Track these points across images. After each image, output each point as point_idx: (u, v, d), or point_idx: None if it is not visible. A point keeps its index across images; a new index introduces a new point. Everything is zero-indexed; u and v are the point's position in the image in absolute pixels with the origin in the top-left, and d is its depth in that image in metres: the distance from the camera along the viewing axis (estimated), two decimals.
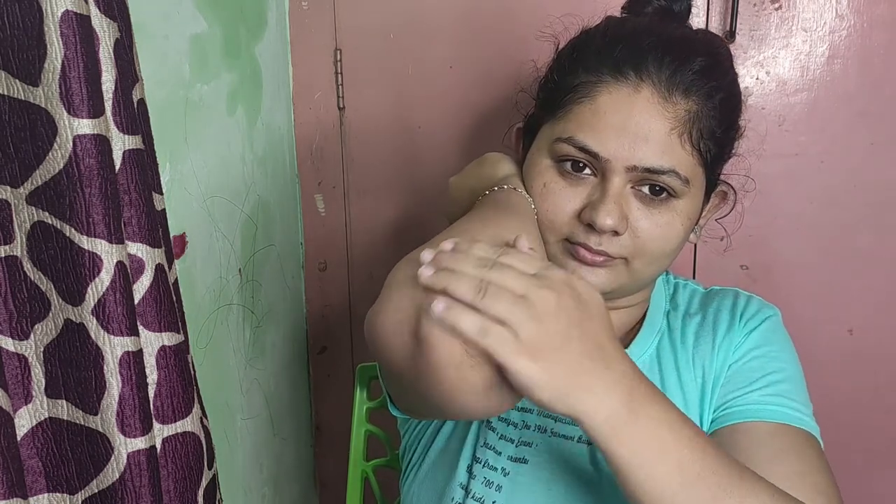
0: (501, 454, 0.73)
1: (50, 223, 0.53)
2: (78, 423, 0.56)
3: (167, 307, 0.60)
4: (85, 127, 0.51)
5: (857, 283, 1.10)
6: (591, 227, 0.65)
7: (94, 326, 0.54)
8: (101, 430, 0.56)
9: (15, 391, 0.55)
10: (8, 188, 0.53)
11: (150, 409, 0.59)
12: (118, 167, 0.55)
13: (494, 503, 0.71)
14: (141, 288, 0.58)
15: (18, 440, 0.55)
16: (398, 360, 0.54)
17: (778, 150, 1.07)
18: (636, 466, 0.51)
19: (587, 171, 0.67)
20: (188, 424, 0.63)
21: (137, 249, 0.58)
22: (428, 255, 0.54)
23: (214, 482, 0.68)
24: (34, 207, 0.53)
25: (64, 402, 0.56)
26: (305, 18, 1.17)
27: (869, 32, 1.03)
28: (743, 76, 1.06)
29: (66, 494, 0.57)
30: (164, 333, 0.60)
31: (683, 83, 0.64)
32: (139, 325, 0.58)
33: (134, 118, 0.57)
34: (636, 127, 0.64)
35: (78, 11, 0.50)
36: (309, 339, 1.30)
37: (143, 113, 0.59)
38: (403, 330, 0.52)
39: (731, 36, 1.05)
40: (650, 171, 0.64)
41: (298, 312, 1.27)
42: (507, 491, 0.71)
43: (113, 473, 0.57)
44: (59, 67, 0.50)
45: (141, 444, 0.57)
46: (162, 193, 0.63)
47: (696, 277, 1.14)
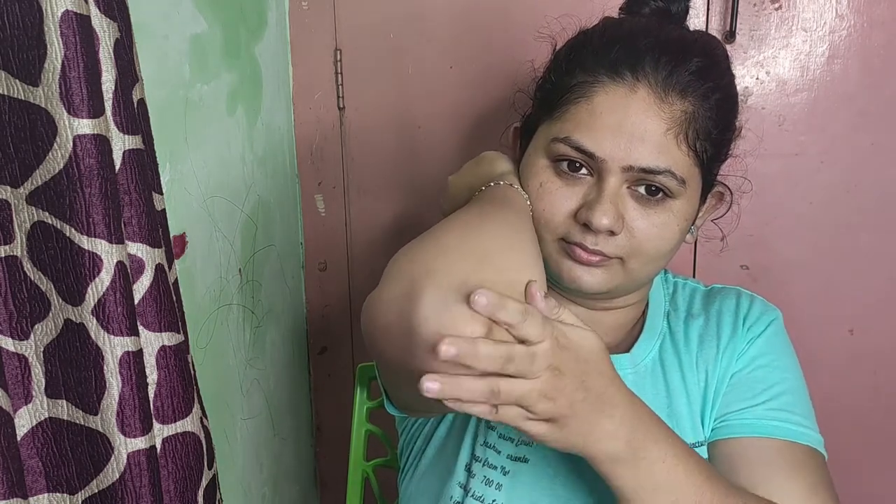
0: (501, 453, 0.73)
1: (50, 223, 0.53)
2: (78, 423, 0.56)
3: (167, 307, 0.60)
4: (85, 127, 0.51)
5: (857, 283, 1.10)
6: (587, 226, 0.65)
7: (94, 326, 0.54)
8: (101, 430, 0.56)
9: (15, 391, 0.55)
10: (8, 188, 0.53)
11: (150, 409, 0.59)
12: (118, 167, 0.55)
13: (495, 501, 0.71)
14: (141, 288, 0.58)
15: (18, 440, 0.55)
16: (394, 350, 0.55)
17: (778, 150, 1.07)
18: (636, 500, 0.58)
19: (584, 171, 0.67)
20: (188, 424, 0.63)
21: (137, 249, 0.58)
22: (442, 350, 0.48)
23: (214, 482, 0.68)
24: (34, 207, 0.53)
25: (64, 402, 0.56)
26: (305, 18, 1.17)
27: (869, 32, 1.03)
28: (743, 76, 1.06)
29: (66, 494, 0.57)
30: (164, 333, 0.60)
31: (680, 84, 0.64)
32: (139, 325, 0.58)
33: (134, 118, 0.57)
34: (632, 127, 0.64)
35: (78, 11, 0.50)
36: (309, 339, 1.30)
37: (143, 113, 0.59)
38: (399, 317, 0.53)
39: (731, 36, 1.05)
40: (646, 171, 0.64)
41: (298, 312, 1.27)
42: (507, 490, 0.71)
43: (113, 473, 0.57)
44: (59, 67, 0.50)
45: (141, 444, 0.57)
46: (162, 193, 0.63)
47: (695, 277, 1.13)
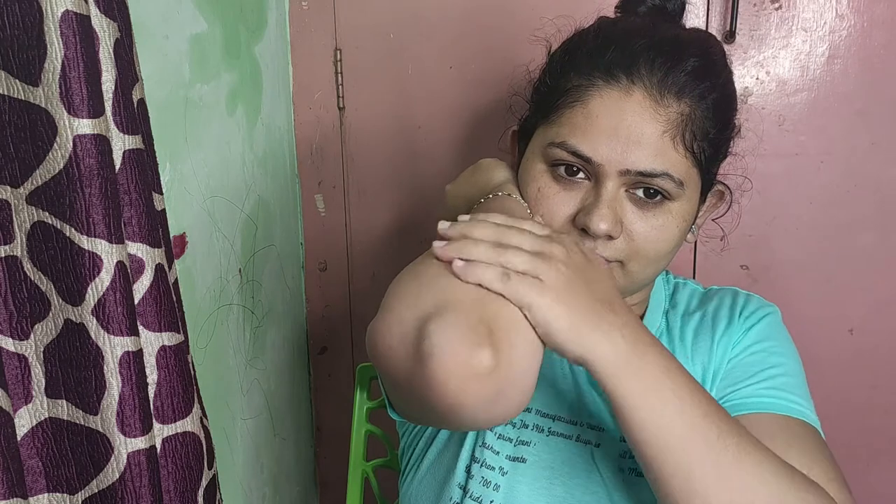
0: (500, 453, 0.73)
1: (50, 223, 0.53)
2: (78, 423, 0.56)
3: (167, 307, 0.60)
4: (85, 127, 0.51)
5: (857, 283, 1.10)
6: (585, 231, 0.65)
7: (94, 326, 0.54)
8: (101, 430, 0.56)
9: (15, 391, 0.55)
10: (8, 188, 0.53)
11: (150, 409, 0.59)
12: (118, 167, 0.55)
13: (493, 502, 0.71)
14: (141, 288, 0.58)
15: (18, 440, 0.55)
16: (401, 373, 0.53)
17: (778, 149, 1.07)
18: (639, 407, 0.54)
19: (581, 175, 0.66)
20: (188, 424, 0.63)
21: (137, 249, 0.58)
22: (443, 224, 0.58)
23: (214, 482, 0.68)
24: (34, 207, 0.53)
25: (64, 402, 0.56)
26: (305, 18, 1.17)
27: (869, 32, 1.03)
28: (743, 76, 1.06)
29: (66, 494, 0.57)
30: (164, 333, 0.60)
31: (675, 85, 0.64)
32: (139, 324, 0.58)
33: (134, 118, 0.56)
34: (628, 131, 0.63)
35: (78, 11, 0.50)
36: (309, 339, 1.30)
37: (143, 113, 0.59)
38: (406, 343, 0.52)
39: (731, 36, 1.05)
40: (643, 174, 0.64)
41: (298, 312, 1.27)
42: (505, 490, 0.71)
43: (113, 473, 0.57)
44: (59, 67, 0.50)
45: (141, 444, 0.57)
46: (162, 193, 0.63)
47: (696, 277, 1.14)
